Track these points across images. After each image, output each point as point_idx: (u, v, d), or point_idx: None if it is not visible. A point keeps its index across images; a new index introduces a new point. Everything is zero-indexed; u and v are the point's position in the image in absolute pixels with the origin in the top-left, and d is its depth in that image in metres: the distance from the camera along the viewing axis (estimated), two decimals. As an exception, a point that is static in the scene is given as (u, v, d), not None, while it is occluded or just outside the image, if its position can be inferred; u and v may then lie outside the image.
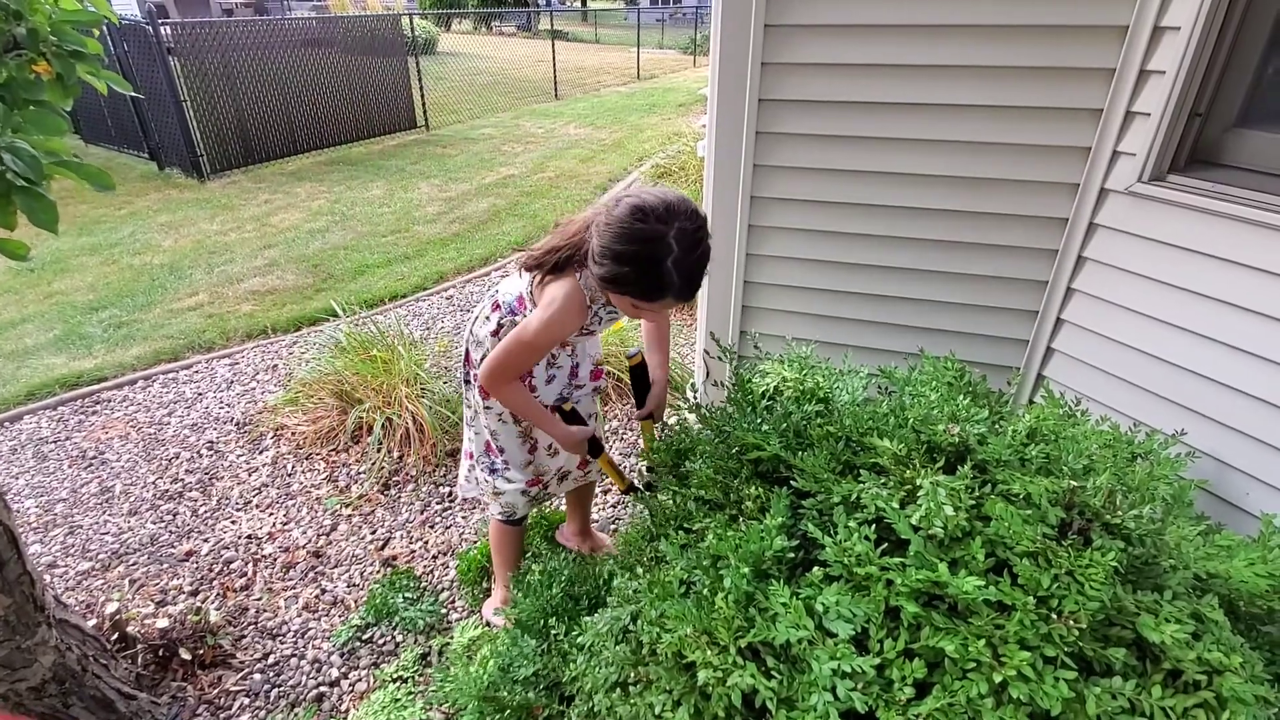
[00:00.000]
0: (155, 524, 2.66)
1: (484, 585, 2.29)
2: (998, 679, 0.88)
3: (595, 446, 1.79)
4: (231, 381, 3.65)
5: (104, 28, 6.67)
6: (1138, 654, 0.95)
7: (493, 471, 1.92)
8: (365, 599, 2.26)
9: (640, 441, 2.65)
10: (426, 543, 2.53)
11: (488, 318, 1.74)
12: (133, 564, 2.46)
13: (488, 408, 1.82)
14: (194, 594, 2.32)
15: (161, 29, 6.65)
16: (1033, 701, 0.87)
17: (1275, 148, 1.58)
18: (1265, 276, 1.51)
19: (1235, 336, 1.57)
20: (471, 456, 1.97)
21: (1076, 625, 0.90)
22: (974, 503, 1.06)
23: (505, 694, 1.26)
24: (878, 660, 0.94)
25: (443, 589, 2.30)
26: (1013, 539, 0.99)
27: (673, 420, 1.80)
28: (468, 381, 1.84)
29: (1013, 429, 1.33)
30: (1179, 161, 1.67)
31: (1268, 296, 1.51)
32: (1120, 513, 1.05)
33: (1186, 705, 0.87)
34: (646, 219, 1.30)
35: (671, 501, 1.38)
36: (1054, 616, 0.92)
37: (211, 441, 3.16)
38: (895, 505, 1.06)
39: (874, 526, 1.06)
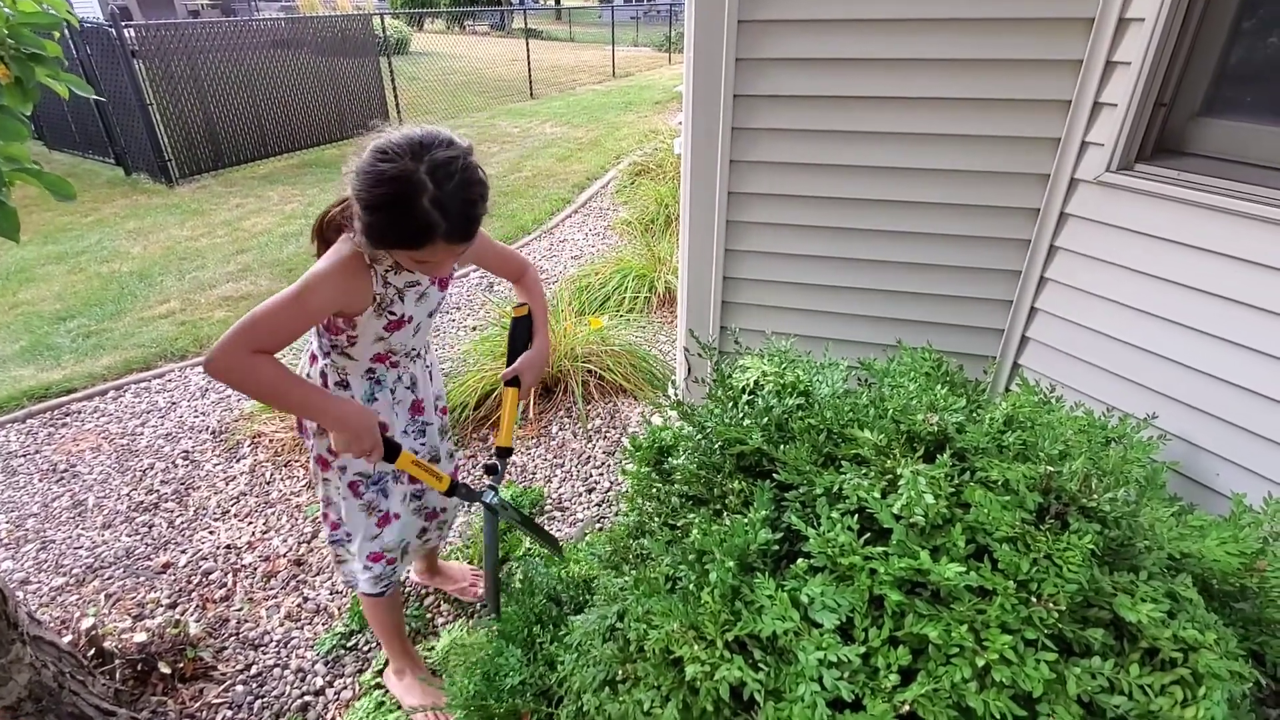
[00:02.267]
0: (130, 537, 2.60)
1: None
2: (980, 663, 0.89)
3: (391, 448, 1.44)
4: (206, 390, 3.59)
5: (65, 31, 6.51)
6: (1115, 634, 0.96)
7: (334, 544, 1.71)
8: (349, 606, 2.23)
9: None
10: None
11: (308, 375, 1.55)
12: (108, 578, 2.41)
13: (325, 479, 1.61)
14: (172, 606, 2.28)
15: (125, 31, 6.50)
16: (1015, 684, 0.88)
17: (1237, 136, 1.62)
18: (1229, 261, 1.54)
19: (1203, 321, 1.61)
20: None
21: (1056, 607, 0.92)
22: (954, 490, 1.07)
23: (492, 702, 1.25)
24: (863, 649, 0.95)
25: (427, 594, 2.28)
26: (992, 525, 1.00)
27: (655, 419, 1.79)
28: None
29: (990, 417, 1.34)
30: (1145, 151, 1.71)
31: (1232, 281, 1.55)
32: (1096, 496, 1.07)
33: (1164, 682, 0.89)
34: (389, 158, 1.18)
35: (655, 498, 1.38)
36: (1034, 600, 0.94)
37: (187, 451, 3.11)
38: (877, 495, 1.07)
39: (856, 517, 1.07)
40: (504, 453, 1.68)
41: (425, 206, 1.18)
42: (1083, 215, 1.79)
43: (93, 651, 1.93)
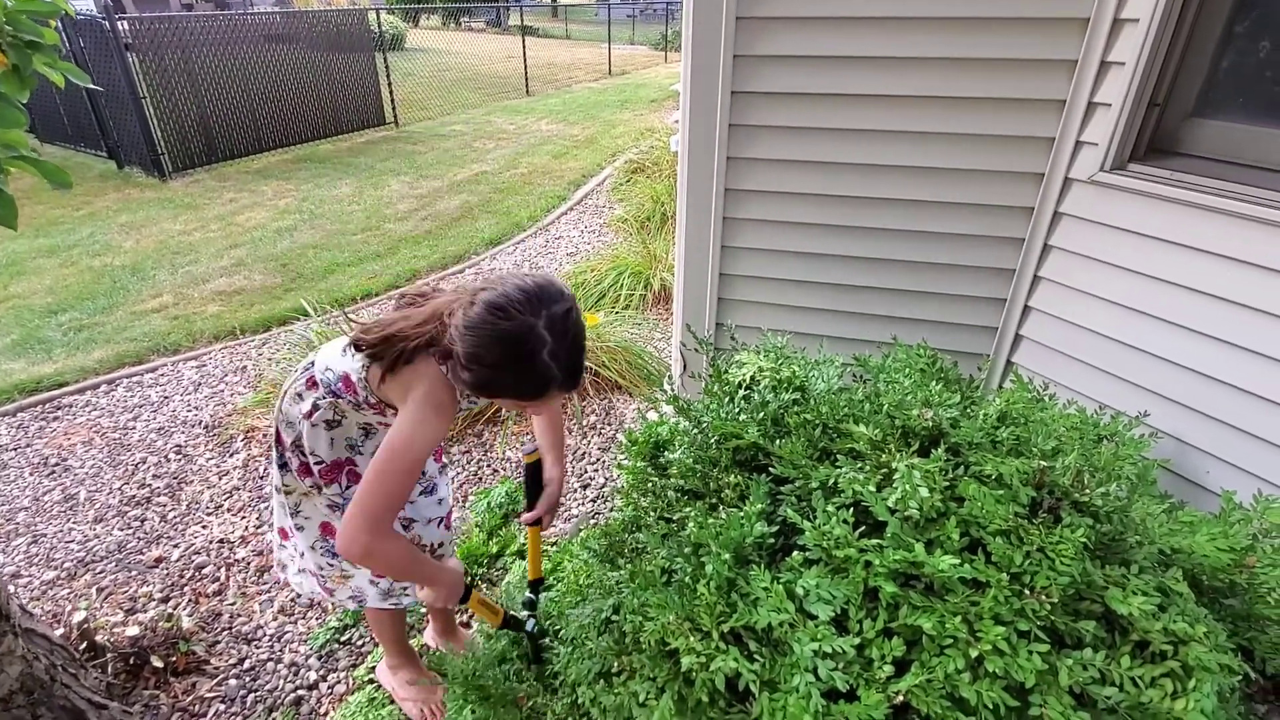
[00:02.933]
0: (122, 531, 2.59)
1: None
2: (974, 654, 0.90)
3: (466, 592, 1.45)
4: (199, 384, 3.58)
5: (59, 23, 6.46)
6: (1107, 626, 0.97)
7: (335, 556, 1.63)
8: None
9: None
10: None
11: (300, 395, 1.47)
12: (100, 572, 2.40)
13: (314, 487, 1.54)
14: (165, 600, 2.27)
15: (119, 24, 6.46)
16: (1008, 674, 0.89)
17: (1229, 136, 1.63)
18: (1221, 260, 1.56)
19: (1194, 320, 1.62)
20: (297, 547, 1.66)
21: (1048, 600, 0.93)
22: (948, 484, 1.08)
23: (491, 684, 1.26)
24: (858, 640, 0.96)
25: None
26: (986, 518, 1.01)
27: (651, 415, 1.79)
28: (283, 466, 1.54)
29: (984, 413, 1.35)
30: (1139, 151, 1.72)
31: (1224, 280, 1.56)
32: (1088, 491, 1.08)
33: (1154, 674, 0.90)
34: (508, 314, 1.14)
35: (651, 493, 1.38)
36: (1027, 592, 0.95)
37: (179, 445, 3.09)
38: (872, 489, 1.07)
39: (852, 510, 1.07)
40: (537, 585, 1.64)
41: (546, 361, 1.17)
42: (1076, 214, 1.80)
43: (85, 645, 1.92)
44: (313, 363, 1.47)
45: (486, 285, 1.20)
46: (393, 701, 1.88)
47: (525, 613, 1.53)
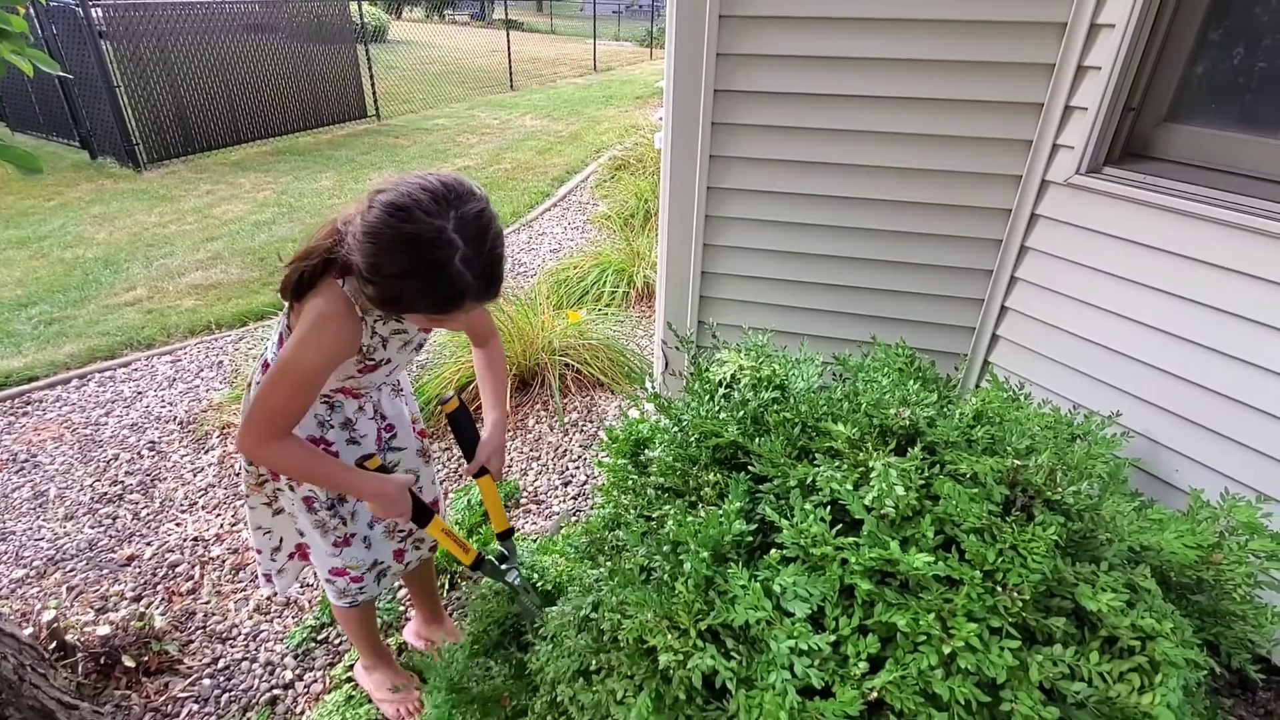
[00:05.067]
0: (93, 528, 2.54)
1: (439, 581, 2.26)
2: (947, 650, 0.91)
3: (422, 512, 1.40)
4: (173, 379, 3.52)
5: (30, 9, 6.30)
6: (1077, 622, 0.99)
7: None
8: (319, 599, 2.20)
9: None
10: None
11: (257, 382, 1.40)
12: (70, 570, 2.35)
13: (278, 489, 1.49)
14: (137, 599, 2.23)
15: (92, 11, 6.32)
16: (980, 671, 0.90)
17: (1201, 141, 1.66)
18: (1190, 263, 1.59)
19: (1165, 321, 1.65)
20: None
21: (1020, 597, 0.94)
22: (924, 482, 1.09)
23: (473, 684, 1.25)
24: (833, 637, 0.97)
25: (401, 585, 2.26)
26: (960, 516, 1.02)
27: (632, 412, 1.79)
28: (251, 465, 1.49)
29: (960, 412, 1.37)
30: (1114, 154, 1.75)
31: (1193, 283, 1.59)
32: (1060, 490, 1.10)
33: (1122, 669, 0.92)
34: (410, 216, 1.05)
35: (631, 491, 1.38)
36: (999, 589, 0.96)
37: (153, 442, 3.04)
38: (849, 487, 1.08)
39: (829, 508, 1.08)
40: (506, 536, 1.59)
41: (458, 268, 1.07)
42: (1053, 216, 1.82)
43: (54, 645, 1.88)
44: (267, 350, 1.43)
45: (385, 186, 1.10)
46: (371, 700, 1.87)
47: (504, 566, 1.50)
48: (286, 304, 1.30)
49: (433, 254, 1.06)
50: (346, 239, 1.12)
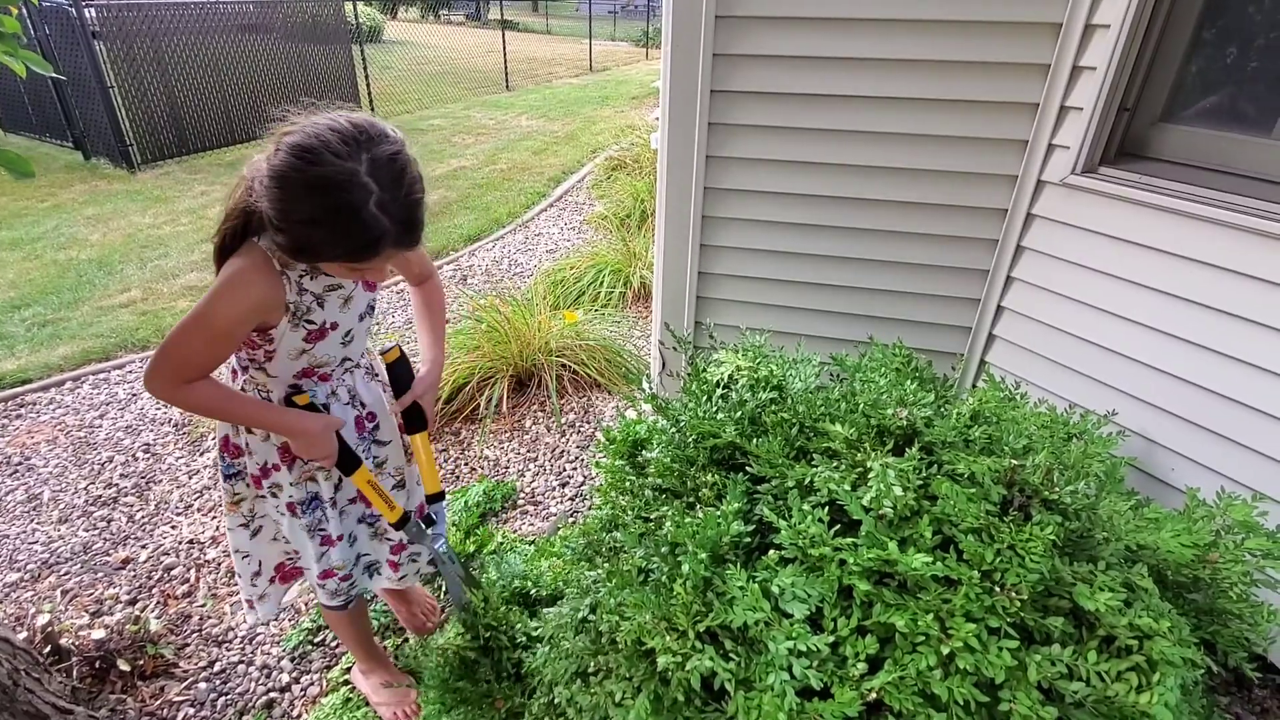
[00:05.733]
0: (88, 531, 2.53)
1: (436, 583, 2.25)
2: (945, 651, 0.91)
3: (349, 459, 1.36)
4: (169, 381, 3.50)
5: (23, 9, 6.28)
6: (1074, 622, 0.99)
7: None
8: (315, 602, 2.19)
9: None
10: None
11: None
12: (65, 574, 2.34)
13: (260, 496, 1.45)
14: (132, 603, 2.22)
15: (85, 11, 6.29)
16: (978, 671, 0.90)
17: (1195, 141, 1.67)
18: (1185, 263, 1.59)
19: (1161, 320, 1.66)
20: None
21: (1018, 597, 0.94)
22: (921, 483, 1.09)
23: (467, 685, 1.25)
24: (832, 638, 0.97)
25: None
26: (958, 516, 1.02)
27: (629, 413, 1.78)
28: (229, 477, 1.46)
29: (957, 412, 1.37)
30: (1109, 154, 1.75)
31: (1189, 282, 1.60)
32: (1057, 489, 1.10)
33: (1120, 669, 0.92)
34: (319, 158, 1.00)
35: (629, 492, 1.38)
36: (997, 589, 0.96)
37: (148, 444, 3.02)
38: (847, 487, 1.08)
39: (827, 509, 1.08)
40: (435, 499, 1.56)
41: (373, 213, 1.03)
42: (1048, 216, 1.83)
43: (49, 649, 1.87)
44: None
45: (292, 128, 1.04)
46: (368, 703, 1.86)
47: (431, 531, 1.49)
48: None
49: (344, 198, 1.01)
50: (254, 186, 1.07)
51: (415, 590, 2.08)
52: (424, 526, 1.52)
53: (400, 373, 1.45)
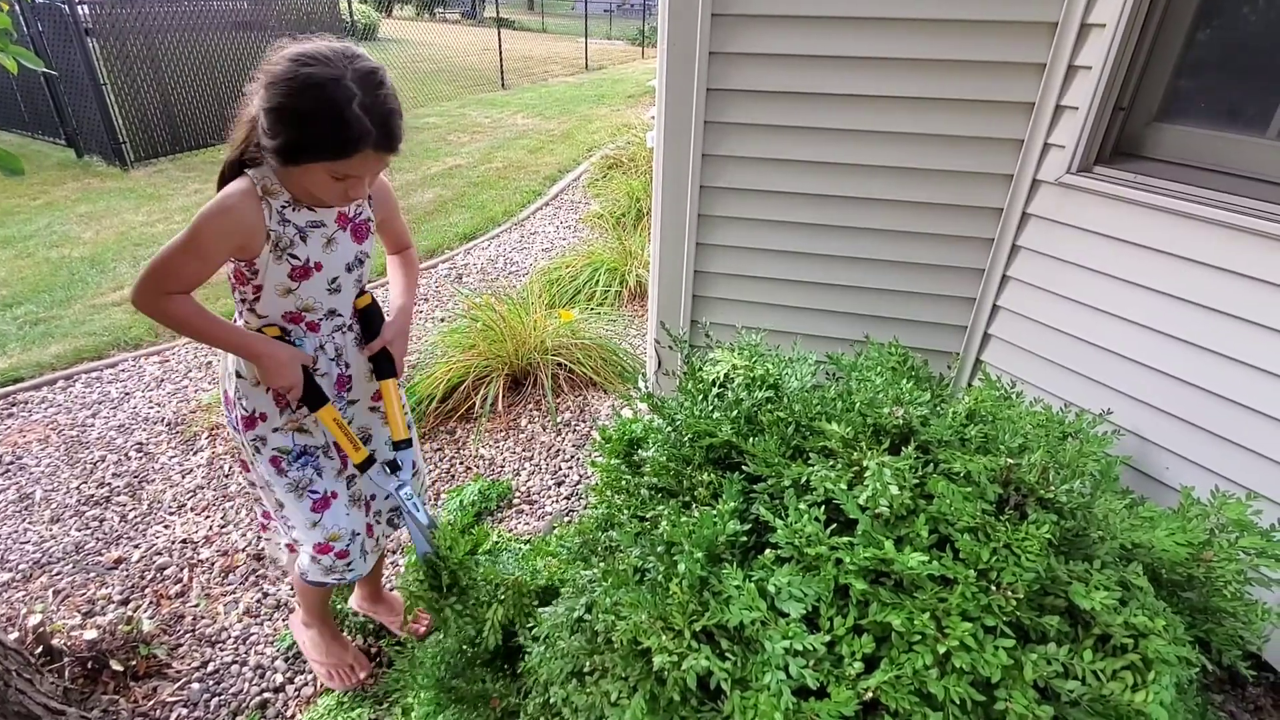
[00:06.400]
0: (80, 531, 2.51)
1: (422, 578, 2.25)
2: (942, 650, 0.91)
3: (315, 395, 1.42)
4: (161, 380, 3.48)
5: (14, 5, 6.24)
6: (1070, 621, 0.99)
7: (289, 527, 1.63)
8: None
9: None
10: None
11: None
12: (56, 574, 2.33)
13: (257, 450, 1.50)
14: (124, 603, 2.21)
15: (78, 8, 6.25)
16: (974, 670, 0.90)
17: (1189, 141, 1.67)
18: (1180, 262, 1.60)
19: (1155, 319, 1.66)
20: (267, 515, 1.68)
21: (1014, 595, 0.94)
22: (918, 482, 1.09)
23: (462, 684, 1.24)
24: (828, 637, 0.96)
25: (391, 588, 2.25)
26: (954, 515, 1.02)
27: (625, 412, 1.78)
28: (230, 424, 1.52)
29: (953, 411, 1.37)
30: (1104, 153, 1.75)
31: (1183, 281, 1.60)
32: (1053, 488, 1.10)
33: (1115, 667, 0.92)
34: (314, 63, 1.16)
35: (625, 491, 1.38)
36: (993, 588, 0.96)
37: (140, 443, 3.01)
38: (843, 486, 1.08)
39: (823, 508, 1.08)
40: (401, 445, 1.60)
41: (356, 112, 1.16)
42: (1044, 215, 1.83)
43: (40, 649, 1.86)
44: None
45: (286, 46, 1.20)
46: (363, 703, 1.86)
47: (398, 477, 1.55)
48: None
49: (333, 95, 1.15)
50: (254, 101, 1.21)
51: (395, 597, 2.08)
52: (389, 471, 1.57)
53: (371, 318, 1.52)
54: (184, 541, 2.47)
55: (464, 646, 1.38)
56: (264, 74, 1.19)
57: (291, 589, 2.26)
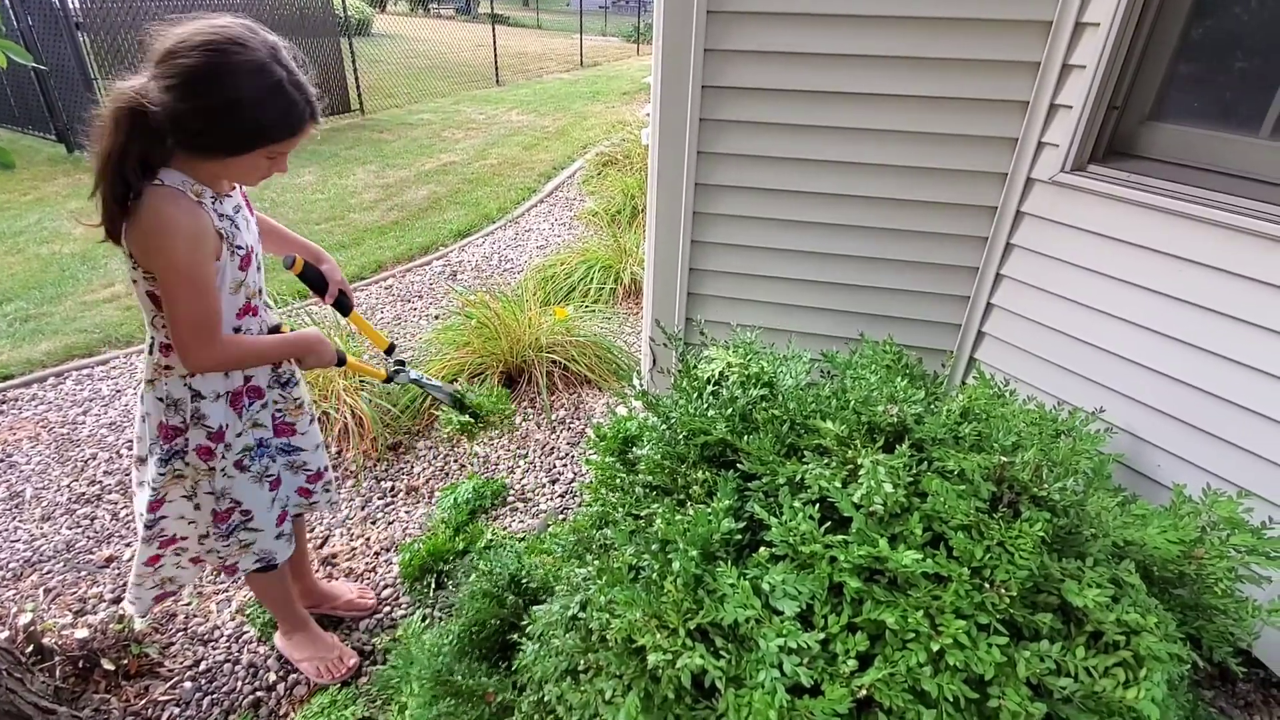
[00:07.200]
0: (71, 529, 2.50)
1: (426, 581, 2.24)
2: (935, 648, 0.91)
3: (340, 356, 1.61)
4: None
5: (3, 0, 6.19)
6: (1063, 618, 1.00)
7: (230, 534, 1.58)
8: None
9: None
10: (368, 539, 2.46)
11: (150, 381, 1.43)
12: (47, 572, 2.31)
13: (210, 469, 1.47)
14: (116, 602, 2.19)
15: (68, 2, 6.20)
16: (968, 667, 0.90)
17: (1183, 140, 1.68)
18: (1173, 261, 1.60)
19: (1148, 318, 1.67)
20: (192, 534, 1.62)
21: (1007, 593, 0.95)
22: (912, 480, 1.09)
23: (459, 678, 1.24)
24: (822, 635, 0.96)
25: (385, 586, 2.24)
26: (948, 513, 1.03)
27: (620, 410, 1.79)
28: (177, 454, 1.46)
29: (947, 409, 1.37)
30: (1098, 152, 1.76)
31: (1176, 280, 1.61)
32: (1046, 486, 1.11)
33: (1107, 664, 0.93)
34: (237, 48, 1.10)
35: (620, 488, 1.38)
36: (987, 586, 0.96)
37: (132, 441, 2.99)
38: (838, 484, 1.08)
39: (818, 506, 1.08)
40: (389, 351, 1.90)
41: (291, 92, 1.15)
42: (1038, 214, 1.83)
43: (31, 648, 1.84)
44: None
45: (174, 42, 1.10)
46: (355, 701, 1.85)
47: (407, 376, 1.86)
48: (124, 251, 1.23)
49: (272, 77, 1.13)
50: (155, 104, 1.09)
51: (335, 586, 2.14)
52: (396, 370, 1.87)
53: (312, 275, 1.65)
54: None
55: (471, 630, 1.39)
56: (169, 71, 1.08)
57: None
